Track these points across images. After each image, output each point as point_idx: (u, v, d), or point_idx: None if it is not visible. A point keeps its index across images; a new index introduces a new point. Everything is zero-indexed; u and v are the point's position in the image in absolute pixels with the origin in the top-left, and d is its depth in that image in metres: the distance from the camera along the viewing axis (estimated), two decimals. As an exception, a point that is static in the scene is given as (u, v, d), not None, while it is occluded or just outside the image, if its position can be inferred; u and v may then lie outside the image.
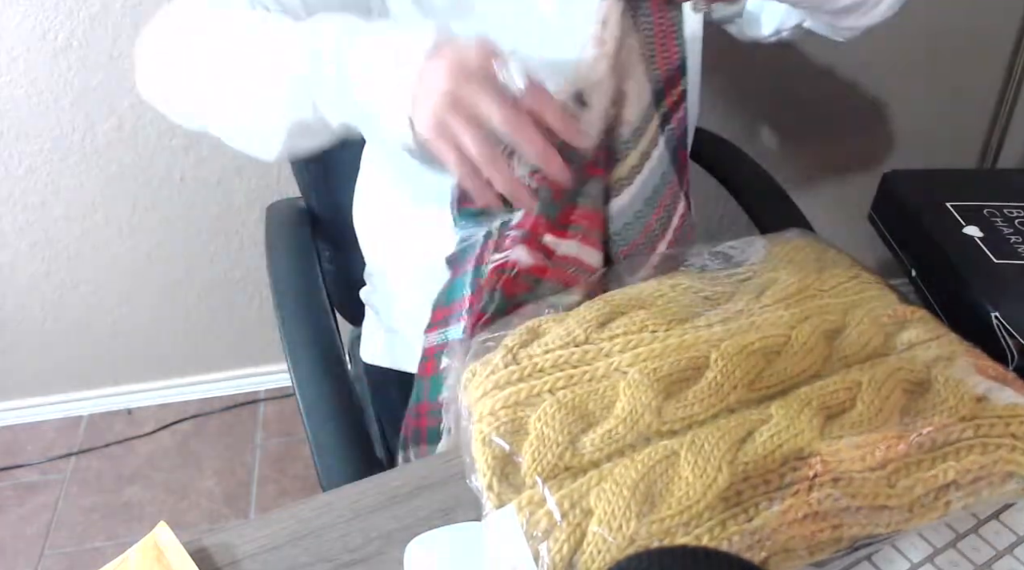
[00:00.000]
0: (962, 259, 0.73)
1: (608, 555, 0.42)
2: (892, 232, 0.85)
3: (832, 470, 0.45)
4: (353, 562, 0.51)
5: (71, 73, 1.25)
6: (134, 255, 1.45)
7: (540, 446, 0.46)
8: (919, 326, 0.55)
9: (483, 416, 0.49)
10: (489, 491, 0.46)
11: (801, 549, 0.44)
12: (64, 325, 1.52)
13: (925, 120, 1.59)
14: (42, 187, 1.35)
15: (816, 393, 0.49)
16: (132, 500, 1.47)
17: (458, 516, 0.53)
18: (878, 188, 0.88)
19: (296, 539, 0.53)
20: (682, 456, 0.45)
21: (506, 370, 0.51)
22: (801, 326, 0.53)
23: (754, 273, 0.61)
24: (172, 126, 1.31)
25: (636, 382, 0.49)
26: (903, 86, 1.52)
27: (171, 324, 1.55)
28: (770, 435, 0.46)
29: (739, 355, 0.50)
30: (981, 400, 0.49)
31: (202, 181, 1.39)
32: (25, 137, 1.30)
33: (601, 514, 0.43)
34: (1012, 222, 0.77)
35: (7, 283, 1.45)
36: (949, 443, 0.47)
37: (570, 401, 0.48)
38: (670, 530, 0.43)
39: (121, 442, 1.58)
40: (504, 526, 0.44)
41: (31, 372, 1.58)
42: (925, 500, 0.45)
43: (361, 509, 0.54)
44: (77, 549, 1.39)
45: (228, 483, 1.50)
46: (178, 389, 1.63)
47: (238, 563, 0.51)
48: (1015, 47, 1.53)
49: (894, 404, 0.48)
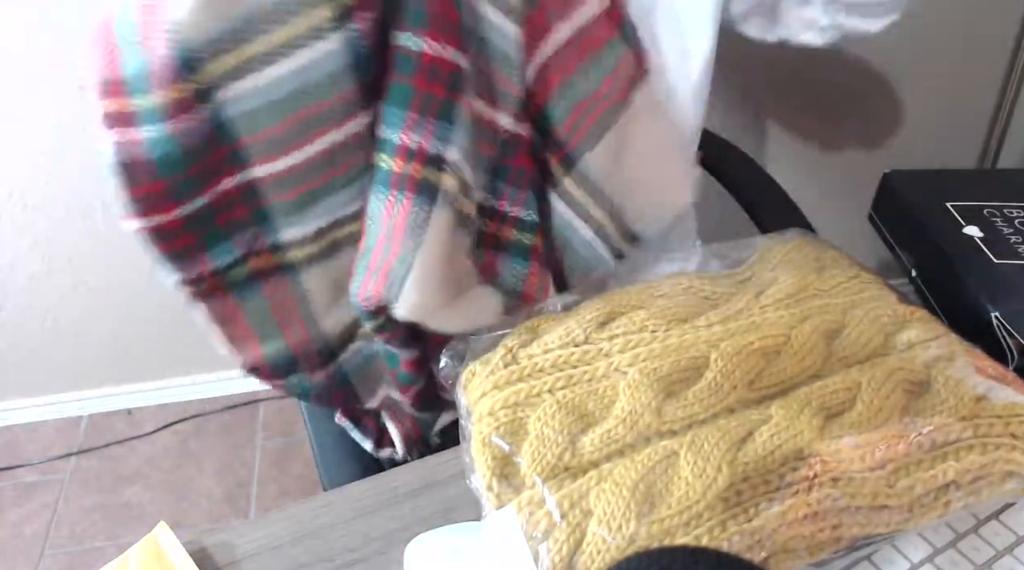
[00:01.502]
0: (962, 259, 0.73)
1: (608, 555, 0.42)
2: (892, 232, 0.85)
3: (832, 470, 0.45)
4: (353, 562, 0.51)
5: (71, 72, 1.25)
6: (134, 255, 1.45)
7: (540, 446, 0.46)
8: (919, 326, 0.55)
9: (482, 416, 0.49)
10: (489, 491, 0.46)
11: (801, 549, 0.44)
12: (64, 325, 1.52)
13: (925, 120, 1.59)
14: (42, 187, 1.35)
15: (816, 393, 0.49)
16: (132, 500, 1.47)
17: (458, 516, 0.53)
18: (878, 188, 0.88)
19: (296, 539, 0.53)
20: (682, 456, 0.45)
21: (505, 370, 0.51)
22: (801, 326, 0.53)
23: (754, 273, 0.61)
24: (172, 126, 1.31)
25: (636, 382, 0.49)
26: (903, 86, 1.52)
27: (171, 324, 1.55)
28: (770, 435, 0.46)
29: (739, 355, 0.50)
30: (981, 400, 0.49)
31: (202, 181, 1.39)
32: (25, 137, 1.30)
33: (601, 514, 0.43)
34: (1012, 222, 0.77)
35: (7, 283, 1.45)
36: (949, 443, 0.47)
37: (570, 401, 0.48)
38: (670, 530, 0.43)
39: (121, 442, 1.58)
40: (504, 526, 0.44)
41: (31, 372, 1.58)
42: (925, 500, 0.45)
43: (361, 509, 0.54)
44: (77, 549, 1.39)
45: (228, 483, 1.50)
46: (178, 389, 1.63)
47: (238, 563, 0.51)
48: (1015, 47, 1.53)
49: (894, 404, 0.48)
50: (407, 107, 0.59)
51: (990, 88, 1.60)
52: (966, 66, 1.54)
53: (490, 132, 0.63)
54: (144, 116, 0.56)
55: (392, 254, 0.60)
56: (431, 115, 0.59)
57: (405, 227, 0.59)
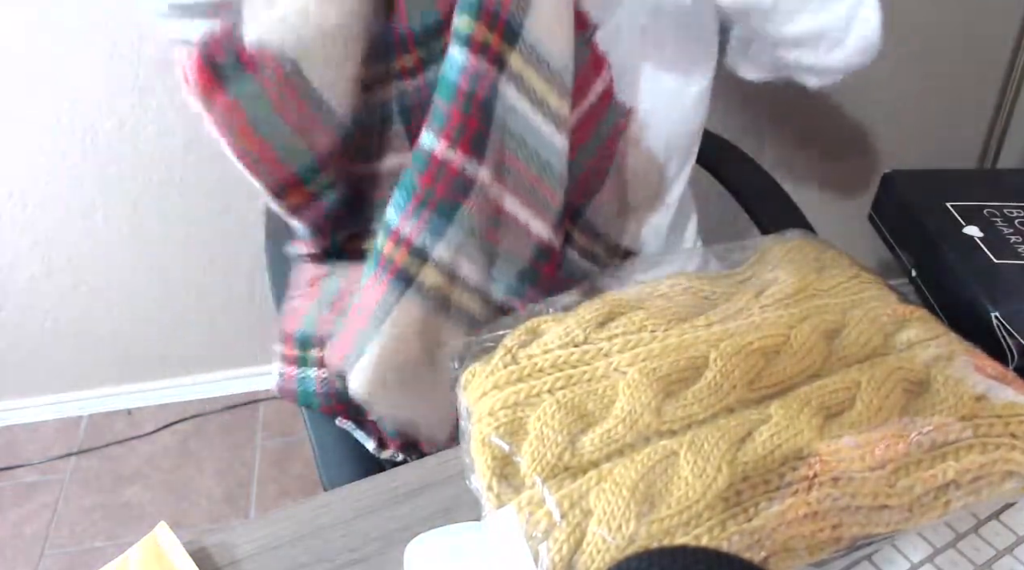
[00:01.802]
0: (962, 259, 0.73)
1: (608, 555, 0.42)
2: (892, 232, 0.85)
3: (832, 470, 0.45)
4: (353, 562, 0.51)
5: (71, 73, 1.25)
6: (134, 255, 1.46)
7: (539, 446, 0.46)
8: (918, 325, 0.55)
9: (482, 416, 0.49)
10: (489, 491, 0.46)
11: (801, 549, 0.44)
12: (64, 325, 1.52)
13: (925, 120, 1.59)
14: (42, 187, 1.35)
15: (815, 393, 0.49)
16: (132, 500, 1.48)
17: (458, 516, 0.53)
18: (878, 188, 0.88)
19: (296, 539, 0.53)
20: (681, 456, 0.45)
21: (505, 370, 0.51)
22: (800, 326, 0.53)
23: (754, 273, 0.61)
24: (172, 126, 1.31)
25: (635, 382, 0.49)
26: (903, 86, 1.52)
27: (171, 324, 1.55)
28: (770, 435, 0.46)
29: (738, 355, 0.50)
30: (981, 399, 0.49)
31: (202, 181, 1.39)
32: (25, 137, 1.30)
33: (601, 514, 0.43)
34: (1012, 222, 0.77)
35: (7, 283, 1.45)
36: (949, 442, 0.47)
37: (569, 401, 0.48)
38: (670, 530, 0.43)
39: (121, 442, 1.58)
40: (504, 526, 0.44)
41: (31, 372, 1.58)
42: (925, 500, 0.45)
43: (361, 509, 0.54)
44: (77, 549, 1.40)
45: (228, 483, 1.50)
46: (178, 389, 1.63)
47: (238, 563, 0.51)
48: (1015, 47, 1.53)
49: (893, 403, 0.48)
50: (410, 197, 0.62)
51: (990, 88, 1.60)
52: (966, 66, 1.54)
53: (524, 236, 0.65)
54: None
55: (359, 327, 0.63)
56: (428, 209, 0.61)
57: (375, 307, 0.63)
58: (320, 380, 0.70)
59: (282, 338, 0.72)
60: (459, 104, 0.59)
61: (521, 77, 0.60)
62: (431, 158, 0.60)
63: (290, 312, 0.73)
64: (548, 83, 0.61)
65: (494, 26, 0.58)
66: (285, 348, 0.72)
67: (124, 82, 1.26)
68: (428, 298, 0.63)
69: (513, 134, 0.62)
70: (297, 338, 0.71)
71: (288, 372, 0.71)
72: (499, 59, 0.59)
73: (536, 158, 0.63)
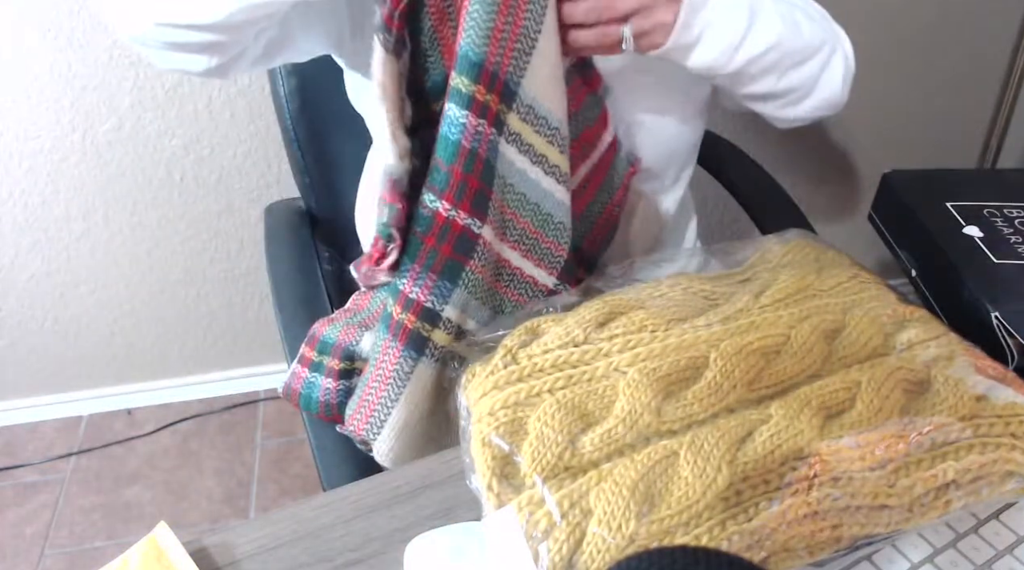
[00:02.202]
0: (962, 259, 0.73)
1: (608, 555, 0.42)
2: (892, 232, 0.85)
3: (832, 470, 0.45)
4: (353, 562, 0.51)
5: (71, 73, 1.25)
6: (134, 255, 1.46)
7: (540, 446, 0.46)
8: (918, 326, 0.55)
9: (482, 416, 0.49)
10: (489, 491, 0.46)
11: (801, 549, 0.44)
12: (64, 325, 1.52)
13: (925, 120, 1.59)
14: (42, 187, 1.35)
15: (815, 393, 0.49)
16: (132, 500, 1.47)
17: (458, 516, 0.53)
18: (878, 188, 0.88)
19: (296, 539, 0.53)
20: (681, 456, 0.45)
21: (505, 371, 0.51)
22: (800, 326, 0.53)
23: (754, 273, 0.61)
24: (172, 126, 1.31)
25: (635, 382, 0.49)
26: (903, 86, 1.52)
27: (171, 324, 1.55)
28: (770, 435, 0.46)
29: (738, 355, 0.50)
30: (981, 399, 0.49)
31: (202, 181, 1.39)
32: (25, 137, 1.30)
33: (601, 514, 0.43)
34: (1012, 222, 0.77)
35: (7, 283, 1.45)
36: (949, 442, 0.47)
37: (569, 401, 0.48)
38: (669, 530, 0.43)
39: (121, 442, 1.58)
40: (504, 526, 0.44)
41: (31, 372, 1.58)
42: (925, 500, 0.45)
43: (361, 509, 0.54)
44: (77, 549, 1.39)
45: (228, 483, 1.50)
46: (178, 389, 1.63)
47: (238, 563, 0.51)
48: (1015, 47, 1.53)
49: (893, 404, 0.48)
50: (415, 259, 0.63)
51: (990, 88, 1.60)
52: (966, 66, 1.54)
53: (530, 286, 0.67)
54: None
55: (377, 396, 0.65)
56: (434, 272, 0.63)
57: (392, 374, 0.64)
58: (324, 390, 0.71)
59: (308, 339, 0.73)
60: (460, 164, 0.60)
61: (520, 135, 0.62)
62: (435, 217, 0.62)
63: (325, 319, 0.74)
64: (548, 139, 0.62)
65: (493, 87, 0.59)
66: (306, 348, 0.73)
67: (124, 82, 1.26)
68: (439, 360, 0.65)
69: (514, 190, 0.64)
70: (320, 341, 0.72)
71: (299, 372, 0.72)
72: (498, 119, 0.61)
73: (537, 212, 0.65)
